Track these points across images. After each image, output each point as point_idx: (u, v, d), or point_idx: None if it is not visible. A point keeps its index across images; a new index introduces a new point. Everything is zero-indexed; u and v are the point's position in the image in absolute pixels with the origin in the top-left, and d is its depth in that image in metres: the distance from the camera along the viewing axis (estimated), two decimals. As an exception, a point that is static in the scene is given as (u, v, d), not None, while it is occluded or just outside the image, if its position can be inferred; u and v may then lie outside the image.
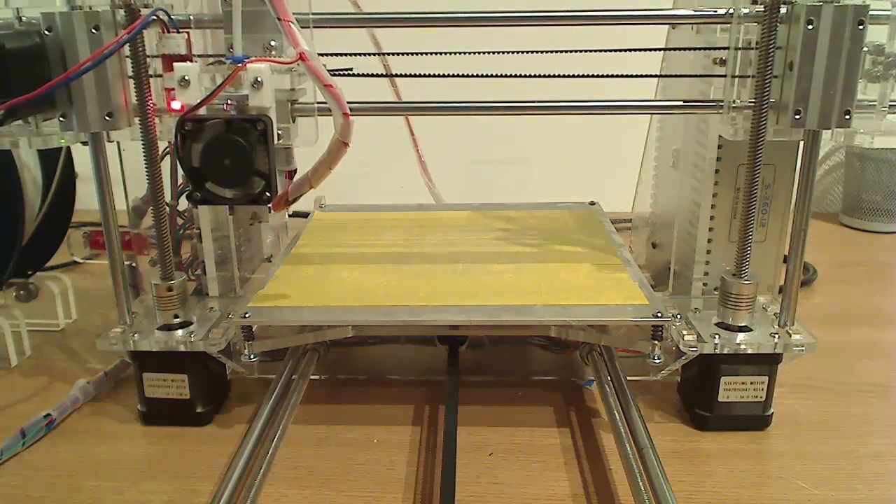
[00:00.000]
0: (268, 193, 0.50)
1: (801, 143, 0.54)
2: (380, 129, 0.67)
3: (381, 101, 0.58)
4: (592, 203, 0.82)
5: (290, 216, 0.85)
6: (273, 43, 0.53)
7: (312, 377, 0.61)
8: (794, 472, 0.52)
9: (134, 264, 0.66)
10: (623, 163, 0.84)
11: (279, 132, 0.52)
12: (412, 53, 0.56)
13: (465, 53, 0.55)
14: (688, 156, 0.65)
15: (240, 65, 0.47)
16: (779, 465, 0.53)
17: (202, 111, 0.48)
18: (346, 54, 0.55)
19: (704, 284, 0.64)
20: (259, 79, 0.47)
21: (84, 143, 0.54)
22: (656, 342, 0.54)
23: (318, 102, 0.54)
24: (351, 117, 0.47)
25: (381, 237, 0.71)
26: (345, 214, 0.79)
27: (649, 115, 0.75)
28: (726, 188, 0.61)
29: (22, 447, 0.55)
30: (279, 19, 0.47)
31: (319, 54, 0.49)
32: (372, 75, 0.58)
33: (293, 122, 0.55)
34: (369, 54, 0.62)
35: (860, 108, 0.52)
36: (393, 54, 0.63)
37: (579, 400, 0.61)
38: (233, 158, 0.48)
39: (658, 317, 0.53)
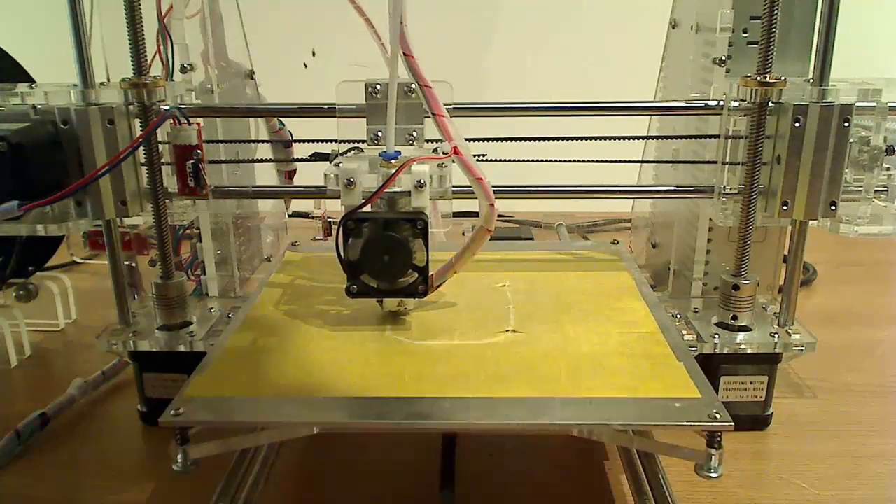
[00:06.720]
0: (422, 286, 0.49)
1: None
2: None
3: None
4: (615, 242, 0.69)
5: (290, 216, 0.85)
6: (414, 134, 0.53)
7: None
8: (794, 472, 0.52)
9: (134, 264, 0.66)
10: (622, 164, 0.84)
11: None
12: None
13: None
14: (687, 156, 0.65)
15: (402, 164, 0.47)
16: (779, 465, 0.53)
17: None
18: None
19: (704, 284, 0.64)
20: (422, 181, 0.47)
21: (97, 226, 0.56)
22: (713, 451, 0.41)
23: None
24: (495, 205, 0.48)
25: None
26: (320, 255, 0.66)
27: (648, 116, 0.75)
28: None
29: (19, 447, 0.55)
30: (433, 114, 0.46)
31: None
32: (504, 160, 0.57)
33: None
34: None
35: (847, 193, 0.52)
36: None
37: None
38: (392, 254, 0.48)
39: (715, 419, 0.40)
